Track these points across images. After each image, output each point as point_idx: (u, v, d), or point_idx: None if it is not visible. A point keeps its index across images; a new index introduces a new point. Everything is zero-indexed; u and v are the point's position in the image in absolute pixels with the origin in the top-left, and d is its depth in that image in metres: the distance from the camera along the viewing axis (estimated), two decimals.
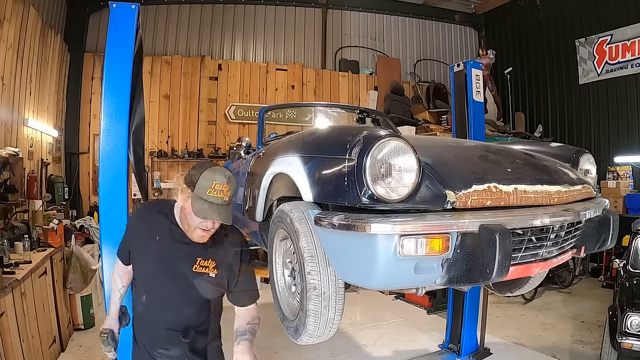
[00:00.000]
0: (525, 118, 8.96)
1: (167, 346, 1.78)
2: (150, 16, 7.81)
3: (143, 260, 1.81)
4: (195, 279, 1.75)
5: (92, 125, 7.34)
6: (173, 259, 1.76)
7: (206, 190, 1.63)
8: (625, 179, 7.34)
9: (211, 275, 1.76)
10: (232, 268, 1.83)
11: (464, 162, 1.80)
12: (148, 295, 1.81)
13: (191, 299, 1.78)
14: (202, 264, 1.75)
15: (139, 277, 1.86)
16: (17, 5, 4.98)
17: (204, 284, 1.76)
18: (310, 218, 1.69)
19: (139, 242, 1.82)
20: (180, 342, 1.77)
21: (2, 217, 4.25)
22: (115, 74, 2.67)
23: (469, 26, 10.36)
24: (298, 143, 1.91)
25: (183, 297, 1.77)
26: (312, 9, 8.98)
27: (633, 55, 7.21)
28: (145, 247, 1.79)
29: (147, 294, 1.81)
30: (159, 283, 1.77)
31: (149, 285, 1.81)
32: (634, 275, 3.90)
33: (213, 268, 1.73)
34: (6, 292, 2.97)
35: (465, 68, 3.74)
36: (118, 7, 2.67)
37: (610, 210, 2.11)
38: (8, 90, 4.86)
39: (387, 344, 4.78)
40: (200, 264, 1.75)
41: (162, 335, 1.78)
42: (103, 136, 2.69)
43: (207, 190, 1.63)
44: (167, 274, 1.76)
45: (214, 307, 1.88)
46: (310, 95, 8.59)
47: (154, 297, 1.80)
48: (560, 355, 4.40)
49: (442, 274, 1.54)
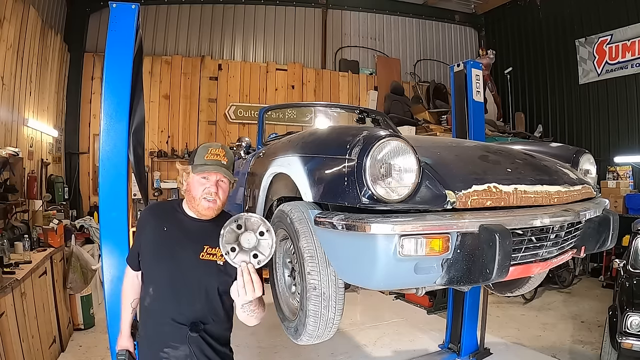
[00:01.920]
0: (525, 118, 8.96)
1: (174, 343, 1.71)
2: (150, 16, 7.81)
3: (151, 251, 1.78)
4: (202, 267, 1.72)
5: (92, 125, 7.34)
6: (180, 247, 1.74)
7: (203, 155, 1.72)
8: (625, 179, 7.34)
9: (219, 263, 1.72)
10: None
11: (464, 162, 1.80)
12: (155, 287, 1.76)
13: (198, 289, 1.73)
14: (210, 252, 1.73)
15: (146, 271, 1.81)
16: (17, 5, 4.98)
17: (211, 273, 1.73)
18: (310, 218, 1.69)
19: (148, 236, 1.80)
20: (188, 338, 1.70)
21: (2, 217, 4.25)
22: (115, 74, 2.67)
23: (469, 26, 10.36)
24: (298, 143, 1.91)
25: (189, 286, 1.73)
26: (312, 9, 8.98)
27: (633, 55, 7.21)
28: (153, 240, 1.78)
29: (153, 285, 1.77)
30: (166, 272, 1.74)
31: (156, 276, 1.77)
32: (634, 275, 3.89)
33: (220, 256, 1.65)
34: (6, 292, 2.97)
35: (465, 68, 3.74)
36: (118, 7, 2.67)
37: (610, 210, 2.11)
38: (8, 90, 4.86)
39: (387, 344, 4.78)
40: (207, 251, 1.73)
41: (169, 331, 1.72)
42: (103, 136, 2.69)
43: (204, 156, 1.72)
44: (174, 262, 1.73)
45: (223, 305, 1.79)
46: (310, 95, 8.59)
47: (160, 287, 1.75)
48: (560, 355, 4.40)
49: (442, 274, 1.54)
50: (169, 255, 1.74)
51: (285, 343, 4.55)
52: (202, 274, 1.73)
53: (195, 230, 1.77)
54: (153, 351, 1.75)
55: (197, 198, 1.73)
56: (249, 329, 5.40)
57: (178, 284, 1.72)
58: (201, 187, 1.72)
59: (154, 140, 7.55)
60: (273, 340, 4.69)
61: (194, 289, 1.73)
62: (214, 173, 1.71)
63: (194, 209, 1.77)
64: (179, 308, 1.72)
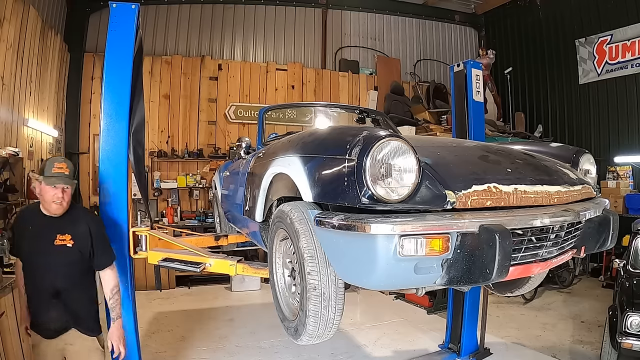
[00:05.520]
0: (525, 118, 8.96)
1: (50, 312, 2.37)
2: (150, 16, 7.80)
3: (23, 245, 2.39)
4: (58, 250, 2.34)
5: (92, 125, 7.34)
6: (40, 238, 2.35)
7: (51, 169, 2.30)
8: (625, 179, 7.34)
9: (69, 246, 2.35)
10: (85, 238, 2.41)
11: (464, 162, 1.80)
12: (30, 273, 2.39)
13: (55, 265, 2.36)
14: (61, 238, 2.34)
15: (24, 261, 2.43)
16: (17, 5, 4.98)
17: (65, 253, 2.35)
18: (310, 218, 1.69)
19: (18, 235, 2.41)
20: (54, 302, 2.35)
21: (2, 217, 4.25)
22: (115, 74, 2.68)
23: (469, 26, 10.36)
24: (298, 143, 1.91)
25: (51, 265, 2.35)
26: (312, 9, 8.98)
27: (633, 55, 7.21)
28: (24, 236, 2.40)
29: (29, 271, 2.39)
30: (34, 259, 2.37)
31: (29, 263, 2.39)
32: (634, 275, 3.89)
33: (70, 240, 2.35)
34: (6, 292, 2.98)
35: (465, 68, 3.74)
36: (118, 7, 2.68)
37: (610, 211, 2.11)
38: (8, 90, 4.86)
39: (387, 344, 4.78)
40: (59, 238, 2.34)
41: (44, 303, 2.36)
42: (103, 136, 2.70)
43: (51, 169, 2.30)
44: (38, 250, 2.34)
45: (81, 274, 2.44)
46: (310, 95, 8.59)
47: (33, 272, 2.38)
48: (560, 355, 4.40)
49: (442, 274, 1.54)
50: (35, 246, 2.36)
51: (286, 343, 4.55)
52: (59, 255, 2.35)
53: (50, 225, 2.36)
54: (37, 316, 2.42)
55: (48, 201, 2.31)
56: (249, 329, 5.38)
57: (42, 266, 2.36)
58: (51, 192, 2.29)
59: (154, 140, 7.55)
60: (273, 341, 4.70)
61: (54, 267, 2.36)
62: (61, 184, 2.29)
63: (47, 209, 2.35)
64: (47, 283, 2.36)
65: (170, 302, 6.33)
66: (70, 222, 2.40)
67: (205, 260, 2.83)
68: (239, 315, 5.82)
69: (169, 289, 6.92)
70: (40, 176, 2.32)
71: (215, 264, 2.81)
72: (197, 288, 7.13)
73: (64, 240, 2.35)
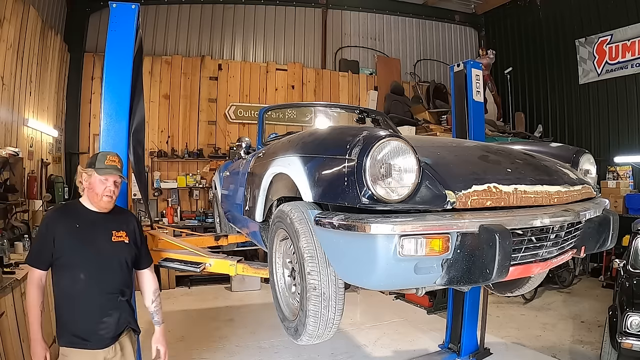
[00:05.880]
0: (525, 118, 8.96)
1: (110, 311, 2.16)
2: (150, 16, 7.80)
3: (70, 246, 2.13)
4: (117, 247, 2.22)
5: (92, 125, 7.34)
6: (95, 236, 2.18)
7: (103, 161, 2.17)
8: (625, 179, 7.34)
9: (126, 242, 2.26)
10: (135, 235, 2.35)
11: (464, 162, 1.80)
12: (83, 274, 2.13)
13: (118, 263, 2.22)
14: (117, 235, 2.23)
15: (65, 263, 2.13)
16: (17, 5, 4.98)
17: (124, 249, 2.25)
18: (310, 218, 1.69)
19: (62, 235, 2.13)
20: (119, 302, 2.20)
21: (2, 217, 4.25)
22: (115, 74, 2.68)
23: (469, 26, 10.36)
24: (298, 143, 1.91)
25: (112, 263, 2.20)
26: (312, 9, 8.98)
27: (633, 55, 7.21)
28: (69, 236, 2.14)
29: (82, 273, 2.13)
30: (90, 258, 2.15)
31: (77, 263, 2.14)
32: (634, 275, 3.89)
33: (126, 236, 2.26)
34: (6, 292, 2.97)
35: (465, 68, 3.74)
36: (118, 7, 2.68)
37: (610, 211, 2.11)
38: (8, 90, 4.86)
39: (387, 344, 4.78)
40: (116, 235, 2.23)
41: (103, 302, 2.15)
42: (103, 136, 2.69)
43: (104, 162, 2.17)
44: (94, 249, 2.16)
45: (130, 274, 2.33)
46: (310, 95, 8.60)
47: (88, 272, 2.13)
48: (560, 355, 4.40)
49: (442, 274, 1.54)
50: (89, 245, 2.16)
51: (286, 343, 4.55)
52: (118, 252, 2.22)
53: (102, 222, 2.23)
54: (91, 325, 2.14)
55: (99, 195, 2.17)
56: (249, 329, 5.37)
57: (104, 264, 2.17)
58: (102, 186, 2.16)
59: (154, 140, 7.55)
60: (273, 341, 4.70)
61: (115, 265, 2.21)
62: (113, 176, 2.18)
63: (96, 204, 2.20)
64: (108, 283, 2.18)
65: (170, 302, 6.32)
66: (121, 218, 2.32)
67: (205, 260, 2.83)
68: (239, 315, 5.82)
69: (169, 288, 6.92)
70: (90, 169, 2.17)
71: (215, 264, 2.80)
72: (197, 288, 7.13)
73: (121, 237, 2.24)
